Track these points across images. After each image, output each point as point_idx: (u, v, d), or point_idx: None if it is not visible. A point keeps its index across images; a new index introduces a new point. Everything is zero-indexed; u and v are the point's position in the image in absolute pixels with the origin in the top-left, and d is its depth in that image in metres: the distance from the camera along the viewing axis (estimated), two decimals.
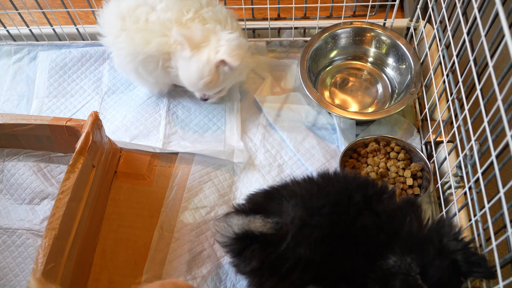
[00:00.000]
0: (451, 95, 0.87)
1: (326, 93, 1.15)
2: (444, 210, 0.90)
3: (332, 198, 0.73)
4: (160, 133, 1.12)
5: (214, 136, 1.11)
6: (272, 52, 1.25)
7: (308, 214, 0.71)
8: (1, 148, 1.05)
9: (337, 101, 1.14)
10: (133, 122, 1.14)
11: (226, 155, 1.06)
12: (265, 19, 1.22)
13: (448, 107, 0.88)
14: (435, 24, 0.96)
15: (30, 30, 1.24)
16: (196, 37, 0.97)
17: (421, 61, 1.07)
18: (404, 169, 0.98)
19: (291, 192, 0.76)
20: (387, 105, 1.12)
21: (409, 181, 0.97)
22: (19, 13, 1.20)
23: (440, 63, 0.96)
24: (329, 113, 1.08)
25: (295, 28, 1.20)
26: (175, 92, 1.18)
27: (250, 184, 1.04)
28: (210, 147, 1.08)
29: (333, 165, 1.05)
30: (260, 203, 0.77)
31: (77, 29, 1.23)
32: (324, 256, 0.69)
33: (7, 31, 1.25)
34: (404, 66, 1.10)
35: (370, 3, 1.12)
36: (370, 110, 1.13)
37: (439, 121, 0.95)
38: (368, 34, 1.14)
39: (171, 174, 1.05)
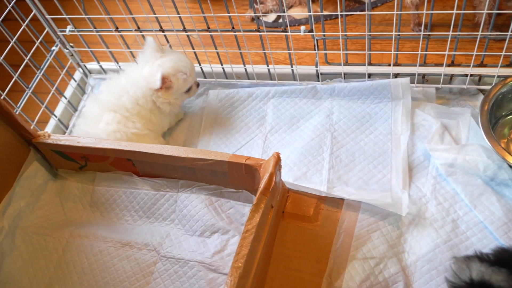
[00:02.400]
0: None
1: (503, 144, 1.07)
2: None
3: None
4: (323, 177, 1.11)
5: (380, 184, 1.08)
6: (440, 99, 1.20)
7: None
8: (176, 180, 1.09)
9: None
10: (296, 162, 1.14)
11: (394, 208, 1.01)
12: (437, 64, 1.17)
13: None
14: None
15: (201, 67, 1.31)
16: None
17: None
18: None
19: None
20: None
21: None
22: (195, 52, 1.27)
23: None
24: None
25: (470, 75, 1.14)
26: (339, 134, 1.17)
27: (421, 238, 0.98)
28: (376, 196, 1.04)
29: None
30: (507, 259, 0.74)
31: (245, 69, 1.27)
32: None
33: None
34: None
35: None
36: None
37: None
38: None
39: (338, 219, 1.03)
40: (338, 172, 1.11)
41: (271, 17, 1.59)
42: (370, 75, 1.22)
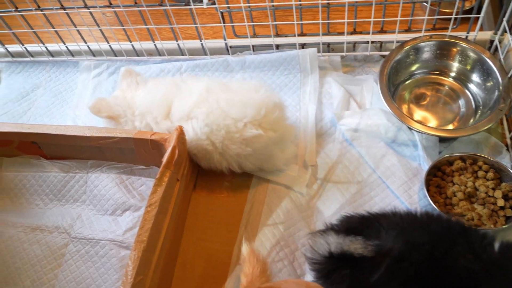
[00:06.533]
0: None
1: (404, 108, 1.12)
2: None
3: (435, 237, 0.70)
4: None
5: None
6: (346, 66, 1.24)
7: (408, 248, 0.68)
8: (86, 160, 1.08)
9: (416, 117, 1.11)
10: None
11: (297, 185, 1.04)
12: (340, 33, 1.20)
13: None
14: None
15: (110, 46, 1.28)
16: None
17: (509, 75, 1.02)
18: (494, 189, 0.94)
19: (392, 223, 0.73)
20: (470, 121, 1.07)
21: (500, 202, 0.92)
22: (101, 30, 1.24)
23: None
24: (410, 129, 1.05)
25: (372, 42, 1.18)
26: None
27: (328, 201, 1.02)
28: (282, 173, 1.06)
29: (416, 184, 1.01)
30: (356, 226, 0.75)
31: (155, 45, 1.26)
32: None
33: (88, 46, 1.30)
34: (491, 83, 1.06)
35: (453, 16, 1.09)
36: (451, 126, 1.09)
37: None
38: (453, 49, 1.10)
39: (249, 188, 1.05)
40: None
41: None
42: (278, 46, 1.23)
